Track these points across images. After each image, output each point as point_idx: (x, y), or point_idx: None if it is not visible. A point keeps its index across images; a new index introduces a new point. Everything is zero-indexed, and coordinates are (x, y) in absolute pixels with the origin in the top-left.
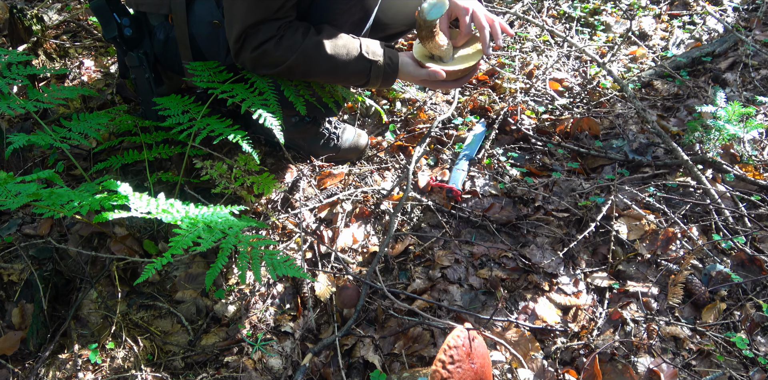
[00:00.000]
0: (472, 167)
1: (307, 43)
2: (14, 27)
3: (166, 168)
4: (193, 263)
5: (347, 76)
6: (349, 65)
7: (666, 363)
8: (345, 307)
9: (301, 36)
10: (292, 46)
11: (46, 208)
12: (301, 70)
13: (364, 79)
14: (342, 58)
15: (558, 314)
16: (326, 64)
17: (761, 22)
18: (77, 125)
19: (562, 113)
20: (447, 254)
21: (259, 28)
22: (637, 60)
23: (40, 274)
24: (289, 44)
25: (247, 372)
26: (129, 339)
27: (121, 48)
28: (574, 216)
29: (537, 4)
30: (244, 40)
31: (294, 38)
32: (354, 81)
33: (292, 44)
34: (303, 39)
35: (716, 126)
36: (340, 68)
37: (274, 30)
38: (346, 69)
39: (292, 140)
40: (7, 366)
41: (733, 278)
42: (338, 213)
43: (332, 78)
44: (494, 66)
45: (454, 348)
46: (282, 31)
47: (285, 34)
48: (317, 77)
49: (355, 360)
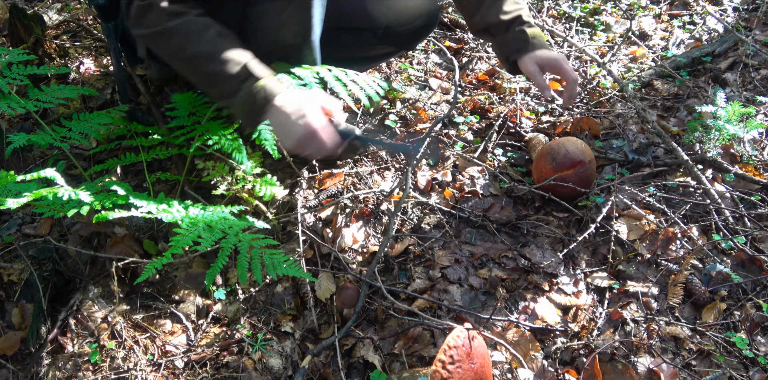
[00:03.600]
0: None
1: (197, 19)
2: (14, 27)
3: (165, 168)
4: (193, 263)
5: (217, 74)
6: (227, 63)
7: (666, 363)
8: (345, 307)
9: (196, 13)
10: (180, 13)
11: (46, 208)
12: (177, 41)
13: (231, 89)
14: (224, 52)
15: (558, 314)
16: (204, 47)
17: (761, 22)
18: (77, 125)
19: (562, 113)
20: (447, 254)
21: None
22: (637, 60)
23: (40, 274)
24: (179, 10)
25: (247, 372)
26: (129, 339)
27: (101, 16)
28: (574, 216)
29: (537, 4)
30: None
31: (187, 9)
32: (219, 86)
33: (183, 12)
34: (195, 15)
35: (716, 126)
36: (216, 60)
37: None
38: (222, 66)
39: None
40: (7, 366)
41: (733, 278)
42: (338, 213)
43: (202, 68)
44: (494, 66)
45: (454, 348)
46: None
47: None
48: (187, 62)
49: (355, 360)
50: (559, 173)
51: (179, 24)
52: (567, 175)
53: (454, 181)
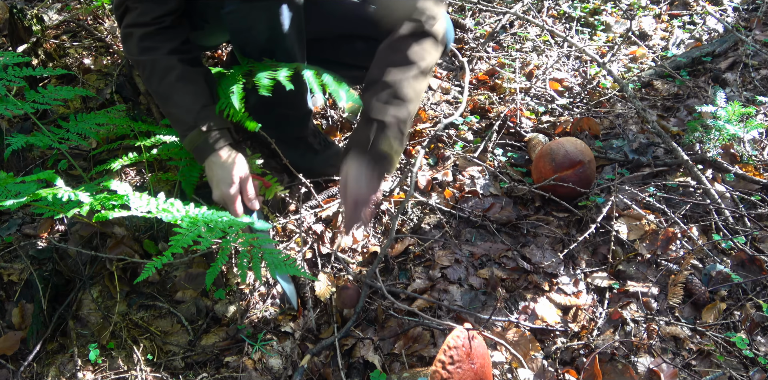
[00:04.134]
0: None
1: (163, 59)
2: (14, 27)
3: (166, 168)
4: (193, 263)
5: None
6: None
7: (666, 363)
8: (345, 307)
9: (167, 49)
10: (149, 48)
11: (46, 208)
12: (145, 74)
13: (179, 131)
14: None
15: (558, 314)
16: (163, 88)
17: (761, 22)
18: (75, 126)
19: (562, 113)
20: (447, 254)
21: (137, 5)
22: (637, 60)
23: (40, 274)
24: (149, 46)
25: (247, 372)
26: (129, 339)
27: None
28: (574, 216)
29: (537, 4)
30: (126, 10)
31: (158, 43)
32: (171, 123)
33: (153, 47)
34: (166, 52)
35: (716, 126)
36: (169, 102)
37: (149, 18)
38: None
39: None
40: (7, 366)
41: (733, 278)
42: (338, 213)
43: (159, 104)
44: (494, 66)
45: (454, 349)
46: (157, 25)
47: (157, 32)
48: (152, 93)
49: (355, 360)
50: (559, 173)
51: (147, 60)
52: (566, 175)
53: (454, 181)
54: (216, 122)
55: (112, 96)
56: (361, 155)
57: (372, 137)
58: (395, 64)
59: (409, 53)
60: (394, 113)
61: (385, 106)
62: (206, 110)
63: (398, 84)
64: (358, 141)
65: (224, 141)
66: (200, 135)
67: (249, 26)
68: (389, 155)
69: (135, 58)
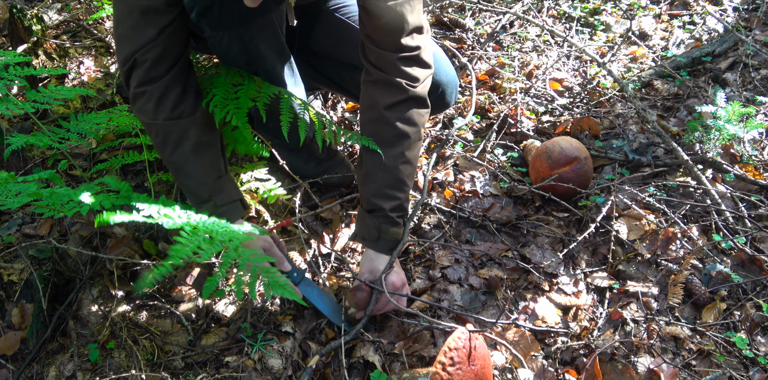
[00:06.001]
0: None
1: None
2: (14, 27)
3: (166, 168)
4: (194, 264)
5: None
6: (193, 179)
7: (666, 363)
8: (358, 308)
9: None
10: (164, 110)
11: (46, 208)
12: (158, 141)
13: (194, 202)
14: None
15: (558, 314)
16: (177, 158)
17: (761, 22)
18: (75, 126)
19: (562, 113)
20: (447, 254)
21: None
22: (637, 60)
23: (40, 274)
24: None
25: (247, 372)
26: (129, 339)
27: None
28: (574, 216)
29: (537, 4)
30: (132, 67)
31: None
32: (186, 193)
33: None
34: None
35: (716, 126)
36: (183, 173)
37: (162, 70)
38: (188, 180)
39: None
40: (7, 366)
41: (733, 278)
42: (338, 213)
43: (173, 173)
44: (494, 66)
45: (454, 350)
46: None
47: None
48: (164, 160)
49: (356, 360)
50: (556, 170)
51: (161, 125)
52: (564, 172)
53: (454, 181)
54: (230, 195)
55: (112, 96)
56: (377, 248)
57: (380, 227)
58: (387, 143)
59: (399, 127)
60: (396, 196)
61: (386, 191)
62: (220, 182)
63: (395, 165)
64: (368, 235)
65: (237, 215)
66: (214, 210)
67: (225, 51)
68: (399, 237)
69: (147, 122)
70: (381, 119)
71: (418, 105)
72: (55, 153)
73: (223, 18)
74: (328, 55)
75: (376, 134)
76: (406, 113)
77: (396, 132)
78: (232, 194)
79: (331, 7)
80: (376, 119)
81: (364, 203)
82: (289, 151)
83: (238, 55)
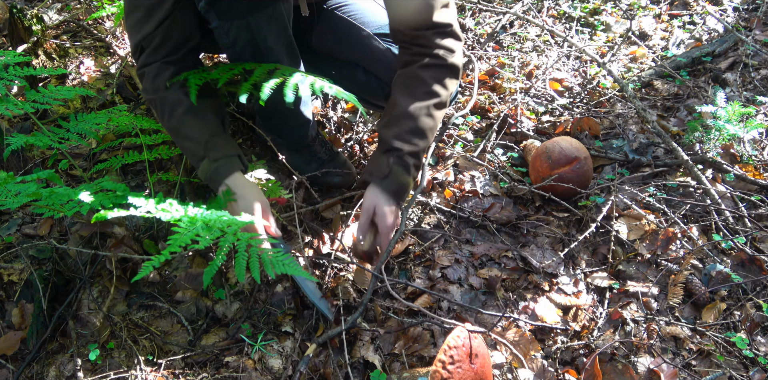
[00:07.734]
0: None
1: (170, 95)
2: (14, 27)
3: (166, 168)
4: (193, 263)
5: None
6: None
7: (666, 363)
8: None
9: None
10: (159, 87)
11: (45, 208)
12: (157, 113)
13: (192, 161)
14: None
15: (558, 314)
16: (173, 122)
17: (761, 22)
18: (75, 126)
19: (562, 113)
20: (447, 254)
21: (149, 44)
22: (637, 60)
23: (40, 274)
24: (159, 85)
25: (247, 372)
26: (129, 339)
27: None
28: (574, 216)
29: (537, 4)
30: (141, 51)
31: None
32: (186, 155)
33: (162, 86)
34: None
35: (716, 126)
36: (179, 135)
37: (161, 55)
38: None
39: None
40: (7, 366)
41: (733, 278)
42: (338, 213)
43: (172, 138)
44: (494, 66)
45: (454, 349)
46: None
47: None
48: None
49: (355, 360)
50: (556, 170)
51: (157, 99)
52: (564, 171)
53: (454, 180)
54: (225, 150)
55: (112, 96)
56: (383, 186)
57: (391, 167)
58: (417, 96)
59: (431, 85)
60: (415, 142)
61: (406, 136)
62: (215, 139)
63: (419, 115)
64: (378, 172)
65: (234, 168)
66: (210, 165)
67: (232, 42)
68: (407, 186)
69: (148, 98)
70: (416, 75)
71: (452, 74)
72: (55, 153)
73: (234, 5)
74: (328, 53)
75: (408, 86)
76: (440, 76)
77: (427, 90)
78: (226, 150)
79: (332, 6)
80: (412, 75)
81: (381, 145)
82: (292, 151)
83: (245, 46)
